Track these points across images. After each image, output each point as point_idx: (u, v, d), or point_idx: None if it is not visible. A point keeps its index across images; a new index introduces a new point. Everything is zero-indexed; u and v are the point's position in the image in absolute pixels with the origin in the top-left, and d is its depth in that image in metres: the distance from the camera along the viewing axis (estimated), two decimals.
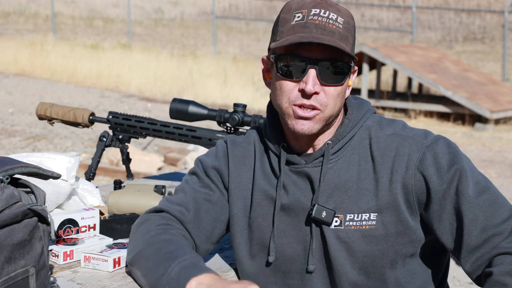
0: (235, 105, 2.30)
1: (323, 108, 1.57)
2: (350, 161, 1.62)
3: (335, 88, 1.57)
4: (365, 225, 1.59)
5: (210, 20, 23.73)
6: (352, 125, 1.64)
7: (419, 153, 1.58)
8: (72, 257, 1.75)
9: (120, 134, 2.43)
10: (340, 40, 1.54)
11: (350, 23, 1.58)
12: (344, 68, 1.57)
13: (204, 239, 1.69)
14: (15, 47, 16.82)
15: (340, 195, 1.61)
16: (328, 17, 1.55)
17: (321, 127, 1.59)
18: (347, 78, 1.59)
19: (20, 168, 1.36)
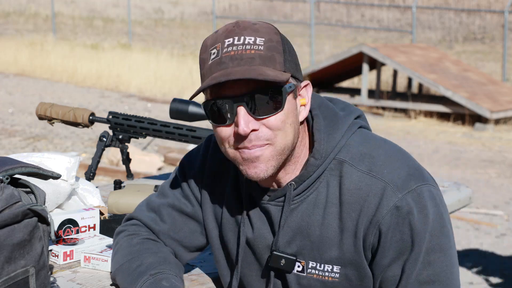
0: None
1: (271, 142, 1.41)
2: (316, 202, 1.48)
3: (275, 118, 1.40)
4: (327, 276, 1.49)
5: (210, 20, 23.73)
6: (319, 164, 1.46)
7: (386, 212, 1.41)
8: (72, 257, 1.75)
9: (120, 134, 2.43)
10: (262, 64, 1.38)
11: (274, 39, 1.41)
12: (276, 93, 1.39)
13: (182, 250, 1.65)
14: (15, 47, 16.82)
15: (302, 239, 1.49)
16: (243, 43, 1.39)
17: (278, 163, 1.43)
18: (284, 101, 1.40)
19: (20, 168, 1.36)
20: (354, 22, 25.34)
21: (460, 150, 9.70)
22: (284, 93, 1.40)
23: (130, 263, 1.56)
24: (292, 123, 1.43)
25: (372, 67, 14.19)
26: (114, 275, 1.61)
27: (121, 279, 1.56)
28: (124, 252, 1.60)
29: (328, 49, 21.09)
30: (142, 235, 1.64)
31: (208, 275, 1.72)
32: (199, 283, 1.67)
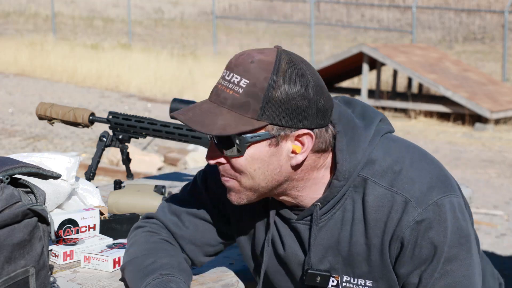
0: None
1: (238, 178, 1.46)
2: (344, 219, 1.51)
3: (235, 160, 1.43)
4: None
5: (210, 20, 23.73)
6: (342, 185, 1.48)
7: (406, 227, 1.45)
8: (72, 257, 1.75)
9: (120, 134, 2.42)
10: (231, 108, 1.40)
11: (259, 84, 1.38)
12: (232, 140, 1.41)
13: (200, 254, 1.67)
14: (15, 47, 16.82)
15: (334, 256, 1.53)
16: (229, 81, 1.41)
17: (251, 197, 1.49)
18: (244, 149, 1.41)
19: (20, 168, 1.36)
20: (354, 22, 25.34)
21: (460, 150, 9.70)
22: (243, 143, 1.41)
23: (143, 259, 1.57)
24: (260, 169, 1.44)
25: (372, 67, 14.19)
26: (124, 266, 1.61)
27: (130, 273, 1.57)
28: (140, 247, 1.61)
29: (328, 49, 21.09)
30: (162, 235, 1.65)
31: (208, 275, 1.72)
32: (199, 283, 1.67)
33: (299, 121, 1.42)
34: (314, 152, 1.47)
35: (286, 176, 1.47)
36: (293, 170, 1.46)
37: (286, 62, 1.41)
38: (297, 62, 1.42)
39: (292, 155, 1.45)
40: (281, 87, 1.39)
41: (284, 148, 1.44)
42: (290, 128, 1.42)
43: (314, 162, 1.48)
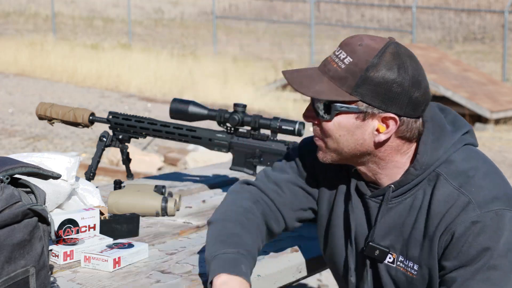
0: (235, 105, 2.30)
1: (325, 140, 1.65)
2: (412, 206, 1.64)
3: (325, 124, 1.62)
4: (409, 271, 1.66)
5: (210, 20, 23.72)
6: (418, 174, 1.63)
7: (461, 222, 1.56)
8: (72, 257, 1.75)
9: (120, 134, 2.42)
10: (331, 79, 1.58)
11: (360, 65, 1.56)
12: (326, 106, 1.60)
13: (293, 220, 1.82)
14: (15, 47, 16.81)
15: (396, 235, 1.66)
16: (337, 56, 1.60)
17: (335, 159, 1.66)
18: (332, 116, 1.60)
19: (20, 168, 1.36)
20: (354, 22, 25.34)
21: None
22: (333, 110, 1.59)
23: (232, 226, 1.70)
24: (345, 136, 1.61)
25: None
26: (213, 221, 1.74)
27: (215, 231, 1.70)
28: (235, 214, 1.73)
29: (328, 49, 21.09)
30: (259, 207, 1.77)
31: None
32: (199, 283, 1.67)
33: (388, 105, 1.57)
34: (398, 137, 1.62)
35: (367, 150, 1.63)
36: (374, 147, 1.62)
37: (391, 53, 1.57)
38: (403, 55, 1.58)
39: (376, 133, 1.61)
40: (379, 71, 1.55)
41: (370, 125, 1.60)
42: (379, 109, 1.58)
43: (397, 146, 1.63)
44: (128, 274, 1.70)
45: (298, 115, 11.74)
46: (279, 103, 12.51)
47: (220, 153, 6.91)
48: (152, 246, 1.90)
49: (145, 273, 1.71)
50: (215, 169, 2.89)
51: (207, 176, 2.73)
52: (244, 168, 2.35)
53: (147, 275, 1.69)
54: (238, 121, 2.29)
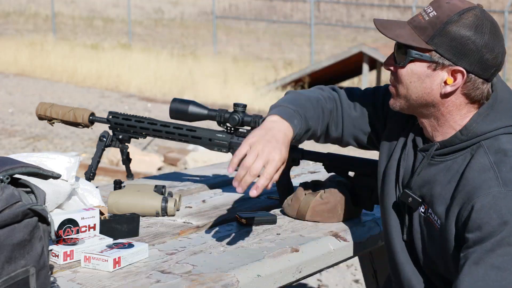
0: (235, 105, 2.30)
1: (397, 86, 1.78)
2: (451, 168, 1.74)
3: (400, 70, 1.74)
4: (435, 224, 1.75)
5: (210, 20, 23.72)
6: (463, 139, 1.72)
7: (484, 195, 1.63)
8: (72, 257, 1.75)
9: (120, 134, 2.42)
10: (413, 28, 1.71)
11: (441, 18, 1.67)
12: (403, 51, 1.73)
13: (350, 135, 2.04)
14: (15, 47, 16.81)
15: (430, 189, 1.77)
16: (425, 11, 1.72)
17: (403, 106, 1.78)
18: (406, 62, 1.72)
19: (20, 168, 1.36)
20: (354, 22, 25.34)
21: None
22: (408, 55, 1.71)
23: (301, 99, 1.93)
24: (415, 83, 1.73)
25: (372, 67, 14.19)
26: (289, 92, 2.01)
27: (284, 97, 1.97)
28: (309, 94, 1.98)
29: (328, 49, 21.09)
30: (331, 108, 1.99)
31: (208, 275, 1.72)
32: (199, 283, 1.67)
33: (458, 59, 1.67)
34: (463, 93, 1.72)
35: (433, 100, 1.73)
36: (440, 99, 1.72)
37: (474, 14, 1.68)
38: (485, 20, 1.68)
39: (443, 84, 1.71)
40: (457, 26, 1.66)
41: (439, 75, 1.70)
42: (450, 61, 1.68)
43: (460, 104, 1.73)
44: (128, 274, 1.70)
45: None
46: None
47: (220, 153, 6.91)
48: (152, 246, 1.90)
49: (145, 273, 1.71)
50: (215, 169, 2.90)
51: (207, 176, 2.73)
52: None
53: (147, 275, 1.69)
54: (238, 121, 2.29)
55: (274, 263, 1.84)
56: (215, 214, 2.23)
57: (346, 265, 4.73)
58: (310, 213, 2.15)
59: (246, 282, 1.73)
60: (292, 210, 2.19)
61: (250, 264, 1.80)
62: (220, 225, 2.13)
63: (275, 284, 1.82)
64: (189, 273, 1.72)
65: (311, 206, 2.15)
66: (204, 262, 1.80)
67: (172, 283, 1.66)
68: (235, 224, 2.14)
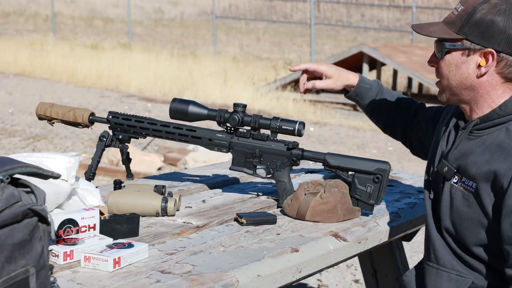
0: (235, 105, 2.30)
1: (441, 80, 1.95)
2: (486, 141, 1.88)
3: (440, 63, 1.92)
4: (468, 189, 1.90)
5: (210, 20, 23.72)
6: (501, 115, 1.87)
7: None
8: (72, 257, 1.75)
9: (120, 134, 2.42)
10: (445, 23, 1.90)
11: (467, 9, 1.85)
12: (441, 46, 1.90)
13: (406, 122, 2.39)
14: (15, 47, 16.81)
15: (465, 160, 1.91)
16: (456, 8, 1.89)
17: (450, 98, 1.95)
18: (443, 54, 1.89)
19: (20, 168, 1.36)
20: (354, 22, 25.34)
21: None
22: (443, 48, 1.90)
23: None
24: (453, 71, 1.90)
25: (372, 67, 14.18)
26: None
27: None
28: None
29: (328, 49, 21.08)
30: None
31: (208, 275, 1.72)
32: (199, 283, 1.67)
33: (487, 42, 1.83)
34: (498, 73, 1.87)
35: (471, 83, 1.89)
36: (477, 81, 1.88)
37: (495, 1, 1.84)
38: (506, 4, 1.83)
39: (478, 67, 1.86)
40: (481, 14, 1.83)
41: (473, 59, 1.87)
42: (480, 45, 1.84)
43: (496, 84, 1.88)
44: (128, 274, 1.70)
45: (298, 115, 11.75)
46: (279, 103, 12.51)
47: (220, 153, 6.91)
48: (152, 246, 1.90)
49: (145, 273, 1.71)
50: (215, 169, 2.90)
51: (207, 176, 2.73)
52: (244, 168, 2.35)
53: (147, 275, 1.69)
54: (238, 121, 2.29)
55: (274, 263, 1.85)
56: (215, 214, 2.23)
57: (346, 265, 4.73)
58: (310, 213, 2.16)
59: (246, 282, 1.73)
60: (292, 210, 2.19)
61: (250, 264, 1.80)
62: (220, 225, 2.13)
63: (275, 284, 1.82)
64: (189, 273, 1.72)
65: (311, 206, 2.15)
66: (204, 262, 1.80)
67: (172, 283, 1.66)
68: (235, 224, 2.14)
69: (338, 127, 10.99)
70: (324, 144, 9.46)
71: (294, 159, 2.29)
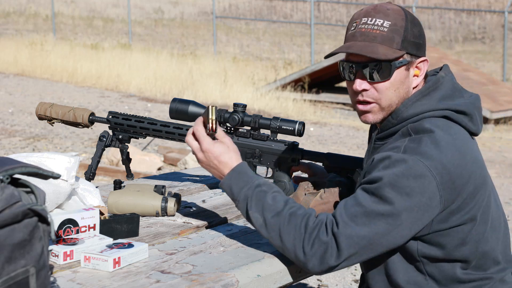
0: (235, 105, 2.30)
1: (377, 101, 1.87)
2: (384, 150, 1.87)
3: (383, 84, 1.85)
4: None
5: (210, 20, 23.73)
6: (394, 123, 1.88)
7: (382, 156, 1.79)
8: (72, 257, 1.75)
9: (120, 134, 2.42)
10: (381, 43, 1.83)
11: (399, 24, 1.84)
12: (385, 67, 1.83)
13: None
14: (15, 47, 16.81)
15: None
16: (373, 24, 1.84)
17: (384, 115, 1.89)
18: (392, 73, 1.84)
19: (20, 168, 1.36)
20: None
21: None
22: (393, 68, 1.84)
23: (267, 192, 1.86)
24: (397, 89, 1.86)
25: None
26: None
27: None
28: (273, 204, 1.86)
29: (328, 49, 21.08)
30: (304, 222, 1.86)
31: (208, 275, 1.72)
32: (199, 283, 1.67)
33: (420, 51, 1.88)
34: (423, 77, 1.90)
35: (408, 95, 1.89)
36: (412, 91, 1.89)
37: (406, 11, 1.87)
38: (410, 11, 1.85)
39: (414, 78, 1.89)
40: (411, 26, 1.86)
41: (411, 72, 1.88)
42: (415, 56, 1.87)
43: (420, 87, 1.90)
44: (128, 274, 1.70)
45: (298, 115, 11.75)
46: (279, 103, 12.51)
47: None
48: (152, 246, 1.90)
49: (145, 273, 1.71)
50: None
51: (207, 176, 2.73)
52: None
53: (147, 275, 1.69)
54: (238, 121, 2.29)
55: (274, 263, 1.85)
56: (215, 214, 2.23)
57: None
58: None
59: (246, 282, 1.73)
60: None
61: (250, 264, 1.80)
62: (220, 225, 2.13)
63: (275, 284, 1.82)
64: (189, 273, 1.72)
65: (311, 206, 2.15)
66: (204, 262, 1.80)
67: (172, 283, 1.66)
68: (235, 224, 2.14)
69: (338, 127, 11.00)
70: (324, 144, 9.47)
71: (294, 159, 2.29)
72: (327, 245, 1.74)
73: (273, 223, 1.80)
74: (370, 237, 1.74)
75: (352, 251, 1.74)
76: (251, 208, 1.84)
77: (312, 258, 1.75)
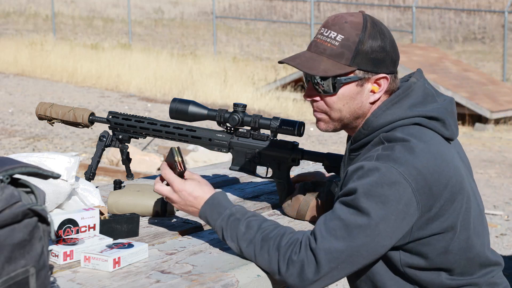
0: (235, 105, 2.30)
1: (328, 112, 1.88)
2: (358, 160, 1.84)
3: (330, 98, 1.85)
4: None
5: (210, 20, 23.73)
6: (365, 134, 1.86)
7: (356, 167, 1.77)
8: (72, 257, 1.75)
9: (120, 134, 2.42)
10: (329, 57, 1.81)
11: (351, 39, 1.80)
12: (329, 82, 1.83)
13: None
14: (15, 47, 16.82)
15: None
16: (327, 36, 1.82)
17: (337, 127, 1.90)
18: (338, 89, 1.83)
19: (20, 168, 1.36)
20: None
21: None
22: (338, 83, 1.82)
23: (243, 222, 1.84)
24: (346, 104, 1.85)
25: None
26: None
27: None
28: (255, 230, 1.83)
29: None
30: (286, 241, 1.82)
31: (208, 275, 1.72)
32: (199, 283, 1.67)
33: (378, 68, 1.82)
34: (385, 92, 1.86)
35: (363, 111, 1.87)
36: (370, 106, 1.86)
37: (370, 23, 1.82)
38: (378, 24, 1.83)
39: (371, 93, 1.85)
40: (367, 42, 1.80)
41: (366, 88, 1.84)
42: (372, 72, 1.82)
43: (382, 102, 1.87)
44: (128, 274, 1.70)
45: (298, 115, 11.75)
46: (279, 103, 12.52)
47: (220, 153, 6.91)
48: (152, 246, 1.90)
49: (145, 273, 1.71)
50: (215, 169, 2.89)
51: (207, 176, 2.73)
52: (244, 168, 2.35)
53: (147, 275, 1.69)
54: (238, 121, 2.29)
55: None
56: None
57: None
58: (310, 213, 2.15)
59: (246, 282, 1.73)
60: (292, 210, 2.19)
61: (250, 264, 1.80)
62: None
63: (275, 284, 1.82)
64: (189, 273, 1.72)
65: (311, 206, 2.15)
66: (204, 262, 1.80)
67: (172, 283, 1.66)
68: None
69: None
70: (324, 144, 9.47)
71: (294, 159, 2.29)
72: (302, 262, 1.72)
73: (248, 252, 1.80)
74: (349, 250, 1.71)
75: (333, 265, 1.71)
76: (227, 238, 1.84)
77: (290, 277, 1.74)
